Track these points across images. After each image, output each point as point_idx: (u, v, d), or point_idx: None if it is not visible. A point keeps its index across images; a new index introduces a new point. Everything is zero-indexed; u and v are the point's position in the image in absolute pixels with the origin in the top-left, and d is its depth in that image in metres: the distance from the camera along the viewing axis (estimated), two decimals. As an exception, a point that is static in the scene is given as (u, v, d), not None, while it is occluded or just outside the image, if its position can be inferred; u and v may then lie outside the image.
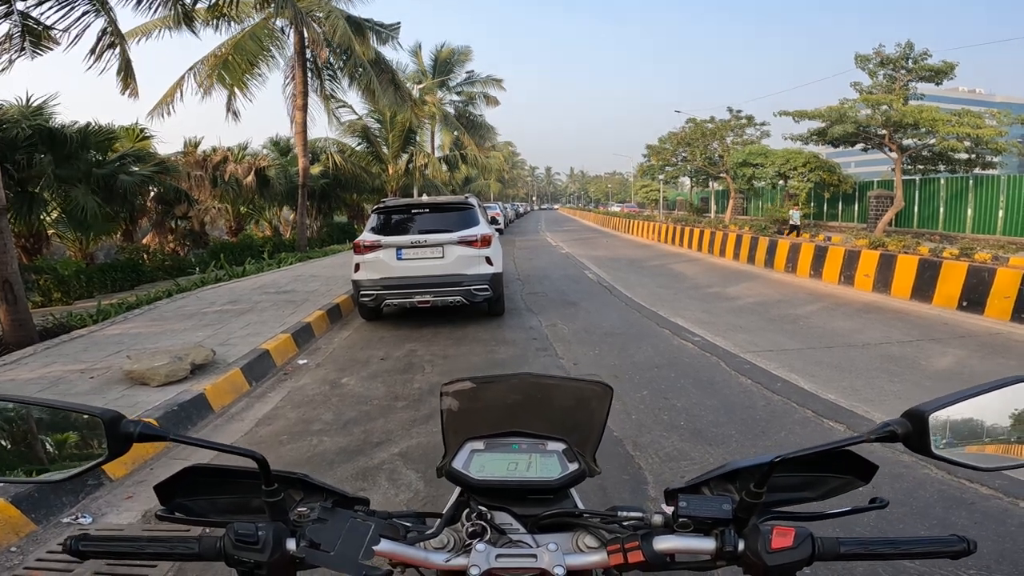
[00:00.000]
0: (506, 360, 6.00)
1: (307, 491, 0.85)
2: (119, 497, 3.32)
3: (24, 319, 6.63)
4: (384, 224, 7.62)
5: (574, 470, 0.86)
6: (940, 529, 2.73)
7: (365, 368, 5.89)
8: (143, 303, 8.91)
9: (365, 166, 26.35)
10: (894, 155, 19.04)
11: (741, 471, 0.81)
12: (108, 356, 5.81)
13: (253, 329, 6.96)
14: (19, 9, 7.61)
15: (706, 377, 5.28)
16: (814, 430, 4.06)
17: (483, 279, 7.32)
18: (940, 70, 18.17)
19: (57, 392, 4.73)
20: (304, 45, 17.51)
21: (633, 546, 0.75)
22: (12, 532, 2.90)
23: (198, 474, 0.84)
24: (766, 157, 23.04)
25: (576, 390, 0.95)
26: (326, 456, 3.81)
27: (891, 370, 5.42)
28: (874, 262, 9.73)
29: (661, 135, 32.50)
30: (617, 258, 16.83)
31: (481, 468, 0.86)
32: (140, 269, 15.39)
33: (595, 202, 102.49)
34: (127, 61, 9.13)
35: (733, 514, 0.74)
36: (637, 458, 3.62)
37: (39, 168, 13.20)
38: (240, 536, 0.72)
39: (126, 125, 17.73)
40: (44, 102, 13.82)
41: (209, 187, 20.40)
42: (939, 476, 3.28)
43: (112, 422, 0.74)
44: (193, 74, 16.52)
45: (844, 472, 0.83)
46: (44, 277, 12.49)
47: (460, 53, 33.01)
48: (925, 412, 0.70)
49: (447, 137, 33.81)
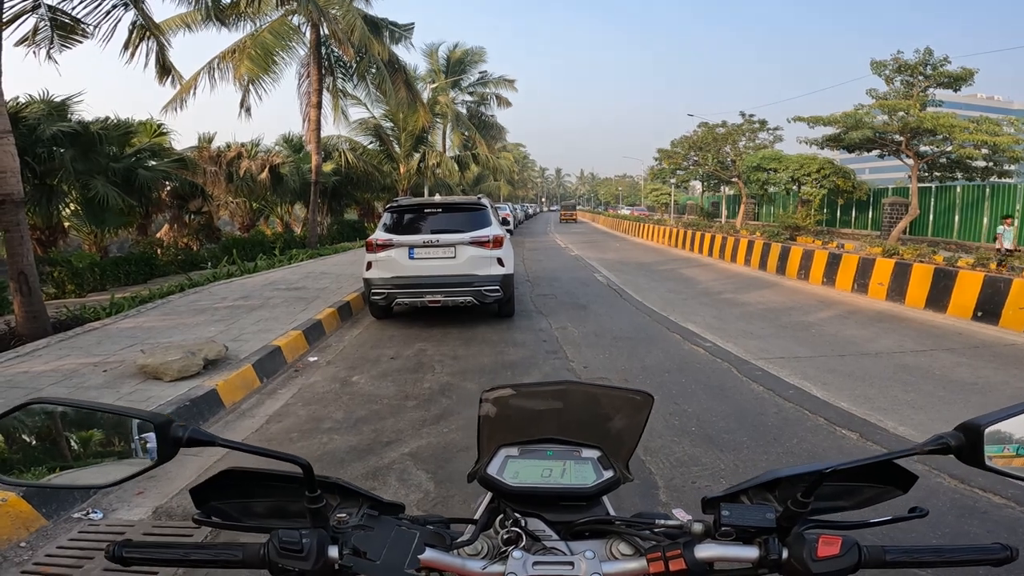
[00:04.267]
0: (516, 362, 5.99)
1: (344, 496, 0.84)
2: (130, 493, 3.34)
3: (38, 311, 6.70)
4: (396, 223, 7.64)
5: (608, 477, 0.85)
6: (952, 538, 2.74)
7: (375, 367, 5.90)
8: (156, 297, 8.99)
9: (377, 164, 26.46)
10: (911, 162, 18.87)
11: (782, 480, 0.80)
12: (121, 350, 5.86)
13: (264, 325, 7.00)
14: (46, 3, 7.71)
15: (717, 383, 5.25)
16: (826, 438, 4.02)
17: (494, 280, 7.32)
18: (959, 76, 17.99)
19: (71, 385, 4.78)
20: (320, 42, 17.61)
21: (675, 554, 0.74)
22: (23, 527, 2.91)
23: (234, 477, 0.83)
24: (780, 162, 22.92)
25: (616, 398, 0.94)
26: (336, 455, 3.82)
27: (905, 379, 5.36)
28: (888, 270, 9.64)
29: (673, 138, 32.43)
30: (627, 261, 16.79)
31: (515, 474, 0.85)
32: (153, 263, 15.51)
33: (604, 204, 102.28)
34: (163, 51, 9.23)
35: (777, 523, 0.74)
36: (648, 463, 3.60)
37: (59, 161, 13.38)
38: (284, 543, 0.72)
39: (143, 120, 17.93)
40: (68, 99, 14.03)
41: (224, 183, 20.54)
42: (951, 485, 3.25)
43: (162, 427, 0.73)
44: (209, 70, 16.66)
45: (883, 482, 0.83)
46: (58, 269, 12.60)
47: (474, 53, 33.09)
48: (981, 425, 0.70)
49: (458, 137, 33.89)
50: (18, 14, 7.55)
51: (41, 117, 13.04)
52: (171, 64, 9.40)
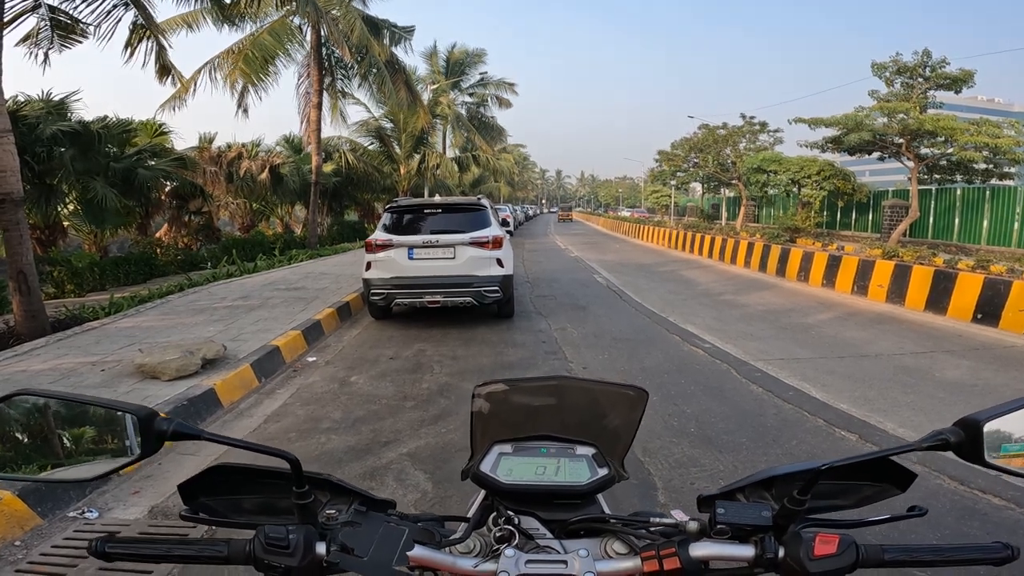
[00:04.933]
0: (515, 363, 5.98)
1: (334, 493, 0.83)
2: (126, 492, 3.33)
3: (37, 310, 6.69)
4: (396, 223, 7.63)
5: (603, 475, 0.84)
6: (952, 539, 2.72)
7: (374, 367, 5.89)
8: (155, 297, 8.98)
9: (377, 165, 26.48)
10: (911, 164, 18.86)
11: (778, 478, 0.79)
12: (120, 349, 5.85)
13: (263, 325, 6.99)
14: (47, 3, 7.70)
15: (716, 384, 5.24)
16: (826, 439, 4.01)
17: (494, 281, 7.31)
18: (958, 78, 17.99)
19: (68, 384, 4.76)
20: (321, 43, 17.60)
21: (669, 552, 0.73)
22: (17, 526, 2.89)
23: (223, 473, 0.82)
24: (780, 164, 22.88)
25: (611, 394, 0.93)
26: (334, 454, 3.81)
27: (904, 381, 5.35)
28: (888, 272, 9.62)
29: (673, 140, 32.43)
30: (627, 263, 16.78)
31: (509, 472, 0.84)
32: (153, 263, 15.50)
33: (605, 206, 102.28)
34: (163, 51, 9.22)
35: (773, 521, 0.73)
36: (646, 463, 3.59)
37: (59, 161, 13.36)
38: (271, 539, 0.70)
39: (144, 120, 17.91)
40: (66, 97, 14.00)
41: (224, 183, 20.53)
42: (952, 487, 3.24)
43: (146, 419, 0.72)
44: (209, 69, 16.64)
45: (880, 480, 0.82)
46: (58, 269, 12.60)
47: (474, 55, 33.11)
48: (980, 421, 0.69)
49: (458, 138, 33.88)
50: (18, 14, 7.54)
51: (40, 116, 13.00)
52: (171, 64, 9.40)
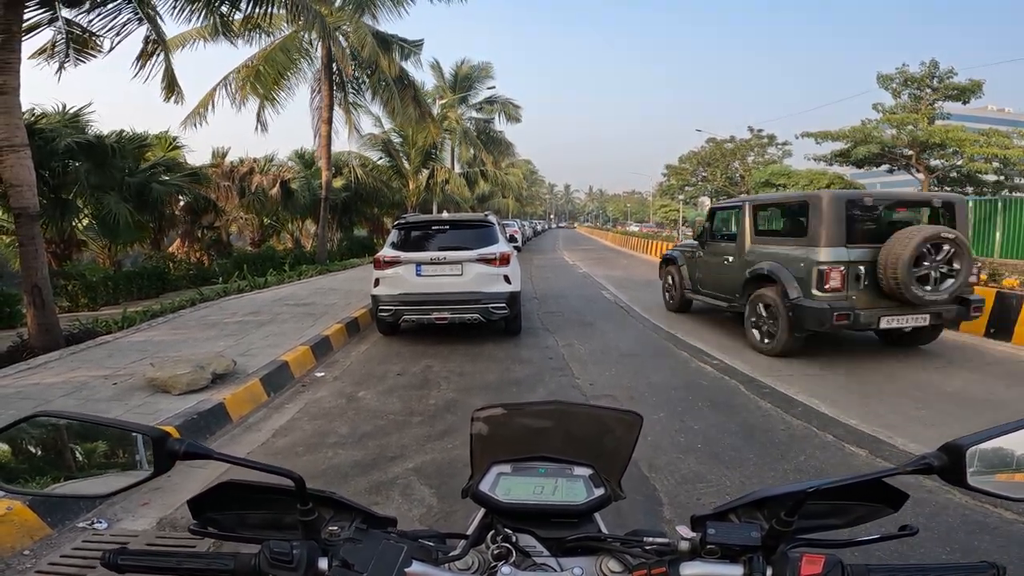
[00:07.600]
0: (522, 379, 5.98)
1: (337, 509, 0.86)
2: (134, 503, 3.35)
3: (51, 324, 6.78)
4: (404, 240, 7.68)
5: (600, 495, 0.86)
6: (962, 554, 2.70)
7: (382, 382, 5.92)
8: (167, 311, 9.07)
9: (386, 180, 26.68)
10: (921, 176, 18.78)
11: (769, 499, 0.81)
12: (131, 363, 5.91)
13: (273, 340, 7.04)
14: (64, 16, 7.88)
15: (724, 400, 5.21)
16: (835, 454, 3.98)
17: (501, 297, 7.32)
18: (967, 88, 17.96)
19: (80, 397, 4.82)
20: (331, 59, 17.86)
21: (660, 572, 0.75)
22: (27, 535, 2.93)
23: (231, 489, 0.85)
24: (789, 177, 22.91)
25: (606, 418, 0.96)
26: (340, 469, 3.82)
27: (916, 396, 5.30)
28: (898, 286, 9.53)
29: (681, 154, 32.50)
30: (635, 279, 16.73)
31: (507, 491, 0.87)
32: (165, 277, 15.68)
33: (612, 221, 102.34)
34: (170, 68, 9.41)
35: (762, 541, 0.74)
36: (652, 479, 3.58)
37: (74, 175, 13.57)
38: (275, 554, 0.73)
39: (157, 133, 18.19)
40: (80, 111, 14.25)
41: (236, 197, 20.77)
42: (962, 501, 3.20)
43: (159, 440, 0.77)
44: (225, 85, 16.94)
45: (873, 500, 0.83)
46: (72, 283, 12.78)
47: (480, 69, 33.30)
48: (963, 446, 0.71)
49: (466, 153, 34.09)
50: (34, 25, 7.69)
51: (56, 129, 13.19)
52: (176, 82, 9.57)
